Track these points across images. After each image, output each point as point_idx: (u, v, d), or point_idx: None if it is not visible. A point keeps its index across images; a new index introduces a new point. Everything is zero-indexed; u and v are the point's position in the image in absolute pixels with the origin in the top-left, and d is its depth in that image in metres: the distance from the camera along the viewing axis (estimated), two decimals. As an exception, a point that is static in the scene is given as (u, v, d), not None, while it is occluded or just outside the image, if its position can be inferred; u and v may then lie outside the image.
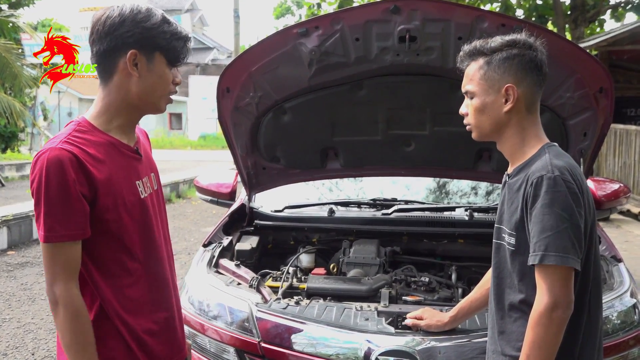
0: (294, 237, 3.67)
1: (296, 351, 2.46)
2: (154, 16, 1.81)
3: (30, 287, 6.67)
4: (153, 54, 1.81)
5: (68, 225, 1.71)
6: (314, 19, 2.94)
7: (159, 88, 1.86)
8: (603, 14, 15.70)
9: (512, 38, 1.90)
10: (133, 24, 1.78)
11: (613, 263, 2.98)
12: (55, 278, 1.72)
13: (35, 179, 1.72)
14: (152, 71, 1.82)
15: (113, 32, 1.77)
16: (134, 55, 1.78)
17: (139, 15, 1.79)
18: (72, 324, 1.73)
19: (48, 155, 1.70)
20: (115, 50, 1.79)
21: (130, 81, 1.81)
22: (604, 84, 2.88)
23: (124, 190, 1.83)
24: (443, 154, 3.53)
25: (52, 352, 4.81)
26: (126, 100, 1.84)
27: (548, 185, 1.74)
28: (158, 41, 1.80)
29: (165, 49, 1.82)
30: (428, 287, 2.98)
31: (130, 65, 1.79)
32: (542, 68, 1.90)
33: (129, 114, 1.88)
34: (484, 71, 1.90)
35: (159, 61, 1.83)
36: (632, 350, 2.48)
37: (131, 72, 1.80)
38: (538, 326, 1.73)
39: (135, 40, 1.78)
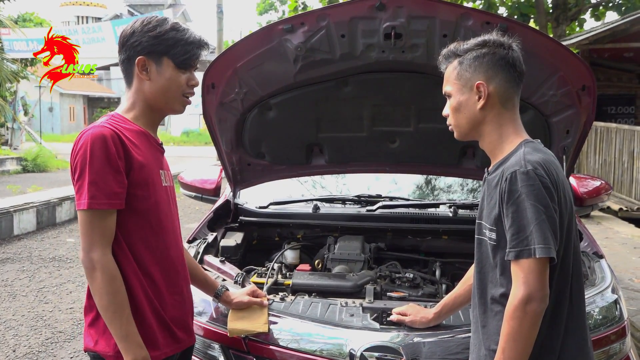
0: (278, 233, 3.67)
1: (281, 347, 2.47)
2: (163, 25, 2.04)
3: (12, 284, 6.62)
4: (161, 59, 2.04)
5: (108, 193, 1.89)
6: (299, 15, 2.94)
7: (170, 90, 2.07)
8: (584, 13, 15.86)
9: (484, 38, 1.95)
10: (141, 34, 2.02)
11: (595, 259, 3.01)
12: (93, 244, 1.89)
13: (79, 152, 1.91)
14: (162, 74, 2.04)
15: (125, 43, 2.05)
16: (143, 61, 2.02)
17: (147, 25, 2.04)
18: (109, 286, 1.89)
19: (92, 132, 1.91)
20: (130, 59, 2.04)
21: (144, 85, 2.05)
22: (587, 82, 2.91)
23: (153, 174, 2.05)
24: (427, 150, 3.55)
25: (33, 349, 4.78)
26: (145, 102, 2.08)
27: (521, 180, 1.77)
28: (164, 47, 2.03)
29: (172, 53, 2.03)
30: (412, 283, 3.00)
31: (140, 70, 2.03)
32: (515, 65, 1.92)
33: (150, 113, 2.11)
34: (457, 71, 1.96)
35: (167, 65, 2.04)
36: (614, 345, 2.51)
37: (142, 77, 2.04)
38: (512, 319, 1.75)
39: (143, 48, 2.02)
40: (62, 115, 39.86)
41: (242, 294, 2.53)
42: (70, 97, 41.43)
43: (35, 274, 7.03)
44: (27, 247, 8.52)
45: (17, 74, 19.58)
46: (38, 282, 6.71)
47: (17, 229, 9.29)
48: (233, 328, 2.45)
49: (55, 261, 7.66)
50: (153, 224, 2.03)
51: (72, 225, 10.29)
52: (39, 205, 9.92)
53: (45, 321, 5.43)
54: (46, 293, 6.29)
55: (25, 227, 9.49)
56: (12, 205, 9.48)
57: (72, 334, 5.12)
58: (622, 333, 2.54)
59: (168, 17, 2.08)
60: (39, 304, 5.94)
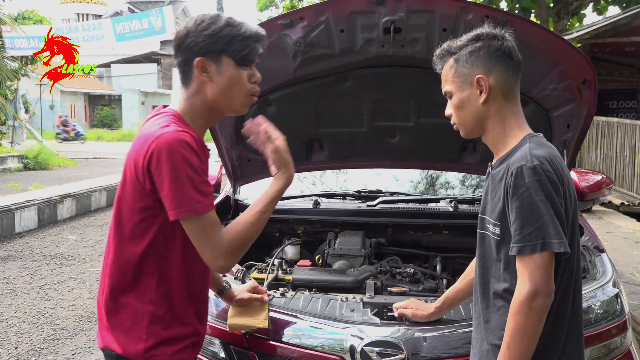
0: (279, 228, 3.66)
1: (282, 342, 2.46)
2: (217, 22, 1.93)
3: (13, 281, 6.62)
4: (220, 58, 1.93)
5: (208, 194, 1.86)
6: (298, 10, 2.93)
7: (234, 90, 1.97)
8: (585, 7, 15.81)
9: (476, 32, 1.94)
10: (195, 34, 1.92)
11: (596, 253, 3.01)
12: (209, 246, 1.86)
13: (165, 161, 1.80)
14: (223, 74, 1.94)
15: (181, 45, 1.95)
16: (202, 62, 1.92)
17: (201, 24, 1.93)
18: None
19: (175, 137, 1.82)
20: (187, 61, 1.94)
21: (205, 86, 1.95)
22: (588, 76, 2.90)
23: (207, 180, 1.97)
24: (428, 145, 3.54)
25: (35, 346, 4.79)
26: (206, 104, 1.97)
27: (527, 175, 1.76)
28: (221, 45, 1.91)
29: (230, 50, 1.92)
30: (413, 278, 3.00)
31: (200, 71, 1.93)
32: (511, 54, 1.92)
33: (209, 115, 2.02)
34: (454, 69, 1.94)
35: (227, 63, 1.93)
36: (615, 339, 2.50)
37: (203, 78, 1.93)
38: (518, 314, 1.74)
39: (200, 49, 1.91)
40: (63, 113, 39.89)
41: (243, 291, 2.52)
42: (71, 95, 41.46)
43: (37, 272, 7.03)
44: (28, 244, 8.52)
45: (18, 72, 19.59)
46: (40, 279, 6.72)
47: (18, 226, 9.30)
48: (233, 323, 2.45)
49: (56, 258, 7.66)
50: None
51: (73, 222, 10.30)
52: (40, 202, 9.92)
53: (47, 318, 5.44)
54: (48, 290, 6.30)
55: (26, 224, 9.50)
56: (14, 203, 9.48)
57: (73, 330, 5.13)
58: (623, 327, 2.54)
59: (220, 13, 1.98)
60: (41, 301, 5.94)
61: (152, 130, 1.87)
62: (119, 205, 1.96)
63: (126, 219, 1.94)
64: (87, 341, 4.89)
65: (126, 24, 19.68)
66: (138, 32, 19.29)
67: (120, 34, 19.52)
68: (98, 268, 7.15)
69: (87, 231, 9.51)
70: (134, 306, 1.95)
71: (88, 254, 7.91)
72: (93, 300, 5.94)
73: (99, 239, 8.89)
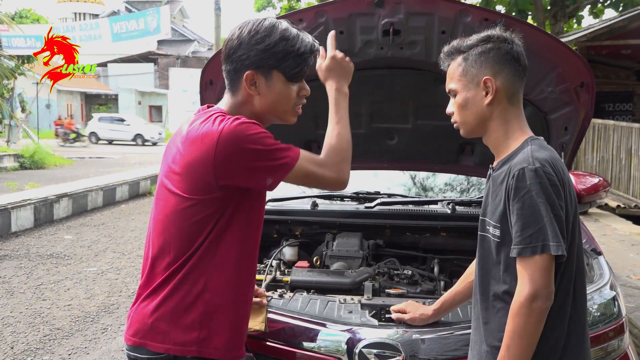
0: (277, 230, 3.66)
1: (280, 344, 2.46)
2: (271, 35, 1.88)
3: (9, 281, 6.61)
4: (270, 73, 1.90)
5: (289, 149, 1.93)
6: (298, 11, 2.93)
7: (281, 104, 1.96)
8: (582, 10, 15.86)
9: (487, 34, 1.94)
10: (248, 47, 1.88)
11: (593, 256, 3.01)
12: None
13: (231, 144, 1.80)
14: (272, 89, 1.92)
15: (232, 55, 1.91)
16: (251, 76, 1.89)
17: (255, 36, 1.88)
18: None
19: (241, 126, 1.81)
20: (237, 71, 1.91)
21: (253, 99, 1.93)
22: (585, 79, 2.91)
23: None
24: (426, 147, 3.54)
25: (31, 346, 4.78)
26: (252, 113, 1.95)
27: (529, 177, 1.76)
28: (273, 61, 1.88)
29: (282, 67, 1.90)
30: (411, 280, 3.00)
31: (248, 85, 1.90)
32: (519, 59, 1.93)
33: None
34: (462, 68, 1.94)
35: (277, 79, 1.92)
36: (612, 342, 2.51)
37: (250, 92, 1.91)
38: (518, 316, 1.75)
39: (252, 62, 1.88)
40: (59, 112, 39.80)
41: None
42: (67, 94, 41.40)
43: (33, 271, 7.02)
44: (24, 244, 8.50)
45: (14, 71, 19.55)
46: (36, 279, 6.70)
47: (14, 225, 9.28)
48: None
49: (52, 258, 7.65)
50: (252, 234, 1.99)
51: (69, 222, 10.28)
52: (36, 202, 9.91)
53: (43, 318, 5.43)
54: (44, 290, 6.29)
55: (22, 224, 9.48)
56: (10, 202, 9.46)
57: (69, 330, 5.12)
58: (620, 330, 2.54)
59: (277, 22, 1.91)
60: (37, 301, 5.93)
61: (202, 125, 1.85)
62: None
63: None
64: (83, 341, 4.88)
65: (123, 24, 19.71)
66: (135, 32, 19.33)
67: (117, 33, 19.55)
68: (94, 268, 7.15)
69: (84, 231, 9.49)
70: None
71: (84, 253, 7.90)
72: (89, 300, 5.93)
73: (95, 238, 8.87)
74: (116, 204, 12.42)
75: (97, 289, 6.32)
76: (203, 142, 1.82)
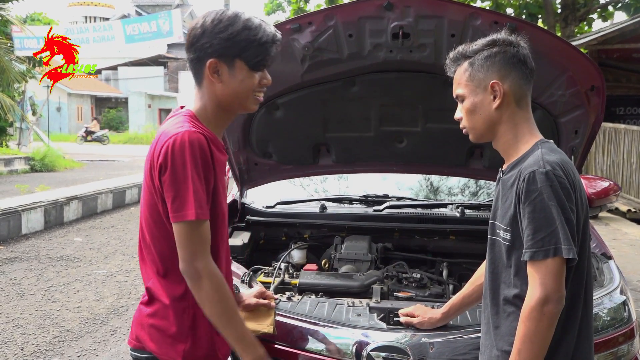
0: (285, 233, 3.67)
1: (288, 347, 2.46)
2: (234, 24, 1.90)
3: (19, 282, 6.64)
4: (233, 61, 1.92)
5: (207, 204, 1.86)
6: (307, 14, 2.94)
7: (242, 92, 1.96)
8: (593, 13, 15.79)
9: (492, 38, 1.94)
10: (211, 36, 1.90)
11: (603, 260, 3.00)
12: (196, 254, 1.84)
13: (177, 158, 1.81)
14: (234, 77, 1.94)
15: (195, 44, 1.93)
16: (215, 64, 1.91)
17: (219, 25, 1.90)
18: (219, 293, 1.87)
19: (189, 137, 1.82)
20: (200, 60, 1.93)
21: (216, 87, 1.95)
22: (596, 82, 2.90)
23: (223, 181, 2.01)
24: (435, 150, 3.54)
25: (41, 347, 4.80)
26: (217, 104, 1.98)
27: (540, 180, 1.75)
28: (236, 49, 1.91)
29: (245, 55, 1.92)
30: (419, 283, 2.99)
31: (211, 72, 1.92)
32: (526, 62, 1.92)
33: (222, 114, 2.01)
34: (469, 73, 1.94)
35: (240, 67, 1.93)
36: (622, 346, 2.49)
37: (213, 79, 1.93)
38: (529, 320, 1.74)
39: (214, 50, 1.90)
40: (69, 115, 40.02)
41: (250, 296, 2.51)
42: (77, 97, 41.56)
43: (43, 273, 7.05)
44: (34, 246, 8.54)
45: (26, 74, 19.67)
46: (46, 281, 6.73)
47: (25, 228, 9.32)
48: None
49: (62, 260, 7.68)
50: (217, 232, 1.98)
51: (79, 224, 10.32)
52: (46, 204, 9.95)
53: (52, 320, 5.45)
54: (54, 292, 6.31)
55: (33, 226, 9.52)
56: (20, 205, 9.51)
57: (79, 332, 5.13)
58: (630, 334, 2.53)
59: (240, 13, 1.94)
60: (47, 302, 5.96)
61: (168, 130, 1.89)
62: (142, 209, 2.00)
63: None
64: (92, 343, 4.89)
65: (135, 26, 19.87)
66: (147, 34, 19.47)
67: (130, 35, 19.70)
68: (104, 270, 7.17)
69: (93, 233, 9.53)
70: None
71: (94, 256, 7.93)
72: (99, 302, 5.95)
73: (104, 241, 8.90)
74: (126, 207, 12.46)
75: (107, 291, 6.34)
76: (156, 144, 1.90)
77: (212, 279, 1.86)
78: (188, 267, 1.85)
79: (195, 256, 1.84)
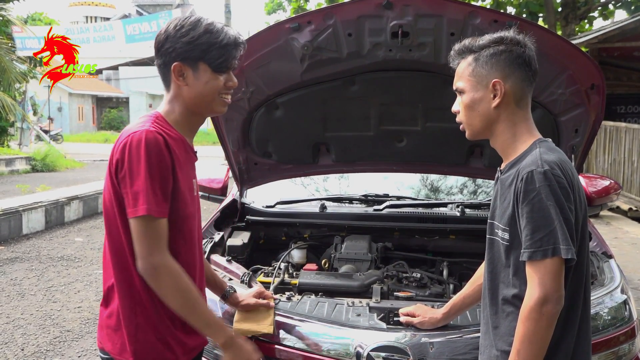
0: (285, 232, 3.66)
1: (288, 347, 2.46)
2: (196, 29, 1.96)
3: (20, 283, 6.64)
4: (197, 64, 1.97)
5: (162, 201, 1.87)
6: (306, 13, 2.93)
7: (208, 94, 2.01)
8: (593, 12, 15.78)
9: (500, 35, 1.92)
10: (174, 40, 1.96)
11: (604, 259, 2.99)
12: (152, 249, 1.87)
13: (132, 155, 1.85)
14: (199, 79, 1.98)
15: (160, 49, 1.99)
16: (179, 67, 1.97)
17: (181, 30, 1.96)
18: (178, 284, 1.90)
19: (146, 136, 1.86)
20: (166, 64, 1.99)
21: (182, 90, 2.00)
22: (596, 81, 2.89)
23: (189, 184, 2.04)
24: (435, 149, 3.53)
25: (41, 348, 4.80)
26: (184, 106, 2.02)
27: (538, 180, 1.74)
28: (199, 52, 1.96)
29: (207, 58, 1.96)
30: (419, 283, 2.98)
31: (176, 76, 1.98)
32: (530, 64, 1.90)
33: (190, 117, 2.06)
34: (472, 68, 1.92)
35: (204, 70, 1.98)
36: (623, 346, 2.49)
37: (179, 83, 1.98)
38: (528, 320, 1.73)
39: (178, 54, 1.96)
40: (70, 115, 40.01)
41: (249, 296, 2.51)
42: (79, 97, 41.58)
43: (44, 273, 7.05)
44: (35, 246, 8.54)
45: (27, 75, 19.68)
46: (46, 281, 6.73)
47: (26, 228, 9.32)
48: (238, 328, 2.45)
49: (63, 260, 7.68)
50: (185, 235, 2.01)
51: (80, 224, 10.32)
52: (47, 204, 9.95)
53: (53, 320, 5.45)
54: (54, 292, 6.31)
55: (34, 226, 9.52)
56: (21, 205, 9.51)
57: (80, 332, 5.13)
58: (631, 334, 2.52)
59: (202, 18, 1.99)
60: (47, 303, 5.96)
61: (130, 128, 1.94)
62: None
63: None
64: (93, 343, 4.89)
65: (136, 26, 19.90)
66: (147, 34, 19.50)
67: (131, 35, 19.73)
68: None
69: (94, 233, 9.52)
70: None
71: (95, 256, 7.92)
72: (99, 303, 5.94)
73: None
74: (127, 207, 12.45)
75: (107, 291, 6.33)
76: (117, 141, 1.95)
77: (170, 271, 1.89)
78: (144, 263, 1.88)
79: (151, 251, 1.87)
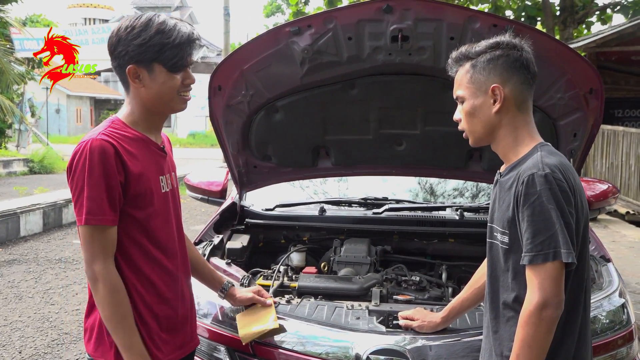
0: (284, 235, 3.67)
1: (287, 350, 2.46)
2: (147, 30, 1.94)
3: (18, 285, 6.63)
4: (151, 65, 1.96)
5: (105, 210, 1.88)
6: (306, 17, 2.94)
7: (165, 94, 2.01)
8: (591, 16, 15.81)
9: (496, 40, 1.92)
10: (125, 43, 1.95)
11: (602, 263, 3.00)
12: (94, 257, 1.90)
13: (79, 164, 1.88)
14: (155, 80, 1.98)
15: (113, 52, 1.99)
16: (134, 70, 1.96)
17: (132, 32, 1.94)
18: (111, 297, 1.91)
19: (91, 144, 1.87)
20: (121, 67, 1.98)
21: (140, 91, 2.00)
22: (594, 85, 2.90)
23: (152, 182, 2.01)
24: (434, 153, 3.54)
25: (39, 350, 4.79)
26: (143, 107, 2.02)
27: (539, 183, 1.74)
28: (151, 54, 1.94)
29: (161, 59, 1.95)
30: (419, 286, 2.99)
31: (132, 78, 1.97)
32: (529, 67, 1.90)
33: (150, 117, 2.06)
34: (470, 74, 1.92)
35: (159, 70, 1.97)
36: (621, 349, 2.50)
37: (135, 84, 1.98)
38: (528, 325, 1.73)
39: (131, 57, 1.95)
40: (68, 117, 39.94)
41: (246, 291, 2.55)
42: (77, 99, 41.51)
43: (42, 276, 7.04)
44: (33, 248, 8.54)
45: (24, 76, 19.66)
46: (44, 283, 6.73)
47: (23, 230, 9.32)
48: (245, 334, 2.41)
49: (61, 263, 7.67)
50: (150, 233, 2.02)
51: (78, 226, 10.30)
52: (45, 206, 9.94)
53: (51, 322, 5.44)
54: (52, 294, 6.31)
55: (31, 228, 9.51)
56: (19, 207, 9.50)
57: (77, 335, 5.13)
58: (629, 337, 2.53)
59: (154, 17, 1.98)
60: (45, 305, 5.95)
61: (85, 135, 1.95)
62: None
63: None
64: (91, 346, 4.88)
65: (134, 28, 19.83)
66: (146, 35, 19.45)
67: (129, 37, 19.69)
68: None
69: (92, 235, 9.51)
70: None
71: (93, 258, 7.91)
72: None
73: (103, 243, 8.89)
74: (125, 209, 12.44)
75: (105, 294, 6.33)
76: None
77: (107, 282, 1.90)
78: (87, 269, 1.93)
79: (92, 259, 1.90)
